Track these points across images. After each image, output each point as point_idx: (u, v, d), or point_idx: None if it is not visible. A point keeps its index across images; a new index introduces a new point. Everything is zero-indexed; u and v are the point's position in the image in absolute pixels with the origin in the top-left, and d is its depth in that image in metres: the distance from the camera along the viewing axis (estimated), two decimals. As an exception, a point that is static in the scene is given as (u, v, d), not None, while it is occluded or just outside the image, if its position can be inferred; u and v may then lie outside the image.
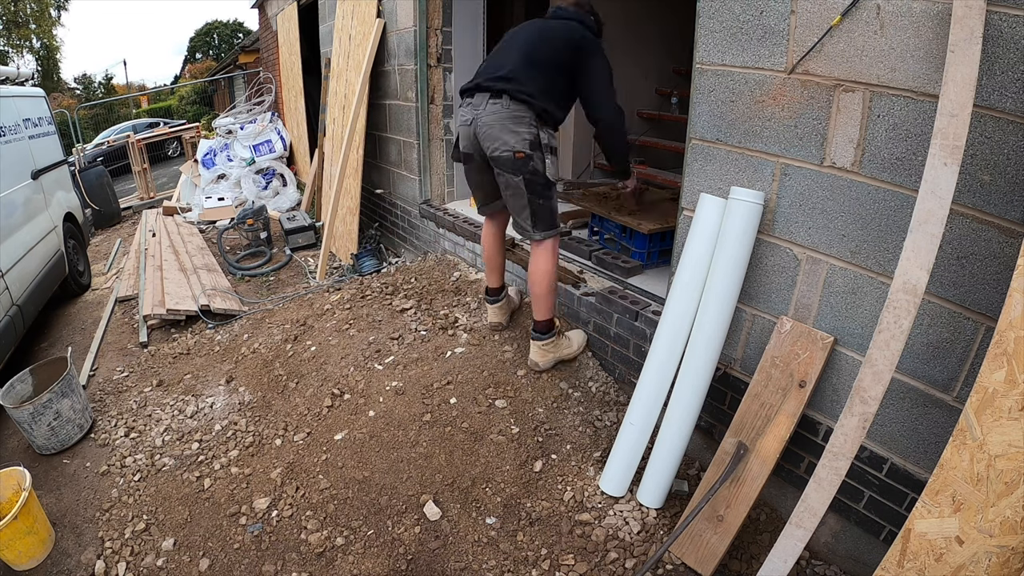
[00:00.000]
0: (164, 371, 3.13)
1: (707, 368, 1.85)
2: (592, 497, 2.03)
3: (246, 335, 3.35)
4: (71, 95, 26.00)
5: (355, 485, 2.14)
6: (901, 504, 1.62)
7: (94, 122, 21.06)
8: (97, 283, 4.90)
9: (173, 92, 26.56)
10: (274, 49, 8.12)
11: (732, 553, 1.83)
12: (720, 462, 1.84)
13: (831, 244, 1.65)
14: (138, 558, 2.00)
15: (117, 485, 2.32)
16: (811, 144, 1.63)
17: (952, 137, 1.27)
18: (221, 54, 31.56)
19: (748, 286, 1.86)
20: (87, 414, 2.69)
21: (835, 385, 1.71)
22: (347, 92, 4.57)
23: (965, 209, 1.37)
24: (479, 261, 3.41)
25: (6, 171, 3.63)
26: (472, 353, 2.67)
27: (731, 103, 1.81)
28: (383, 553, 1.91)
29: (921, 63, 1.38)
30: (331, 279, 4.16)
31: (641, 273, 2.73)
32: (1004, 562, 1.20)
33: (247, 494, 2.19)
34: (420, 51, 3.66)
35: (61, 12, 23.57)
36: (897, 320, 1.34)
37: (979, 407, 1.22)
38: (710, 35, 1.82)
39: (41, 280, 3.74)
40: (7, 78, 4.47)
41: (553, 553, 1.86)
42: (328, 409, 2.51)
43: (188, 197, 7.13)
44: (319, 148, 5.61)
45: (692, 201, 1.96)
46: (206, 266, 4.59)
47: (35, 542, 2.00)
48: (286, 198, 6.49)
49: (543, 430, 2.28)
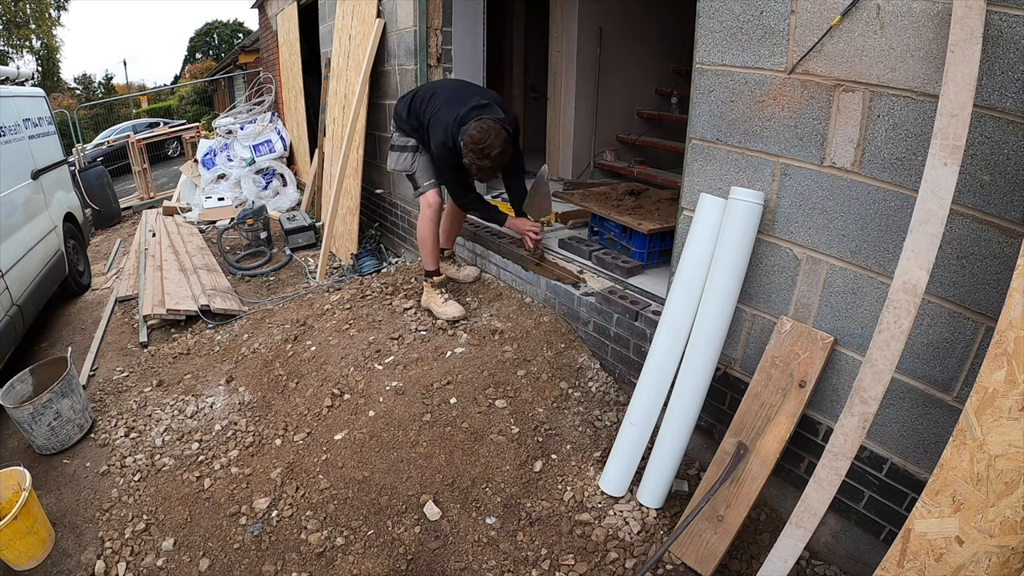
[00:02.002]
0: (164, 371, 3.13)
1: (707, 368, 1.85)
2: (592, 497, 2.03)
3: (246, 335, 3.34)
4: (71, 95, 26.01)
5: (355, 485, 2.14)
6: (901, 504, 1.61)
7: (94, 122, 21.08)
8: (97, 283, 4.90)
9: (173, 92, 26.57)
10: (274, 49, 8.12)
11: (732, 553, 1.83)
12: (720, 462, 1.84)
13: (831, 244, 1.65)
14: (138, 558, 2.00)
15: (117, 485, 2.32)
16: (811, 144, 1.63)
17: (952, 137, 1.27)
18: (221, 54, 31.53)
19: (748, 286, 1.86)
20: (87, 414, 2.69)
21: (835, 385, 1.71)
22: (347, 92, 4.57)
23: (965, 209, 1.37)
24: (479, 260, 3.42)
25: (6, 171, 3.63)
26: (472, 353, 2.67)
27: (731, 103, 1.81)
28: (383, 553, 1.91)
29: (921, 63, 1.38)
30: (331, 279, 4.16)
31: (641, 273, 2.73)
32: (1004, 562, 1.20)
33: (247, 494, 2.19)
34: (420, 51, 3.66)
35: (61, 12, 23.58)
36: (897, 320, 1.34)
37: (979, 407, 1.22)
38: (710, 35, 1.82)
39: (41, 280, 3.74)
40: (7, 78, 4.47)
41: (553, 553, 1.86)
42: (328, 409, 2.51)
43: (188, 197, 7.13)
44: (319, 148, 5.61)
45: (692, 201, 1.96)
46: (206, 266, 4.59)
47: (35, 542, 2.00)
48: (286, 198, 6.49)
49: (543, 430, 2.28)
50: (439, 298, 2.99)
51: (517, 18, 6.20)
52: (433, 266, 3.02)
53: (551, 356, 2.60)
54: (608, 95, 4.82)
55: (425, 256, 3.02)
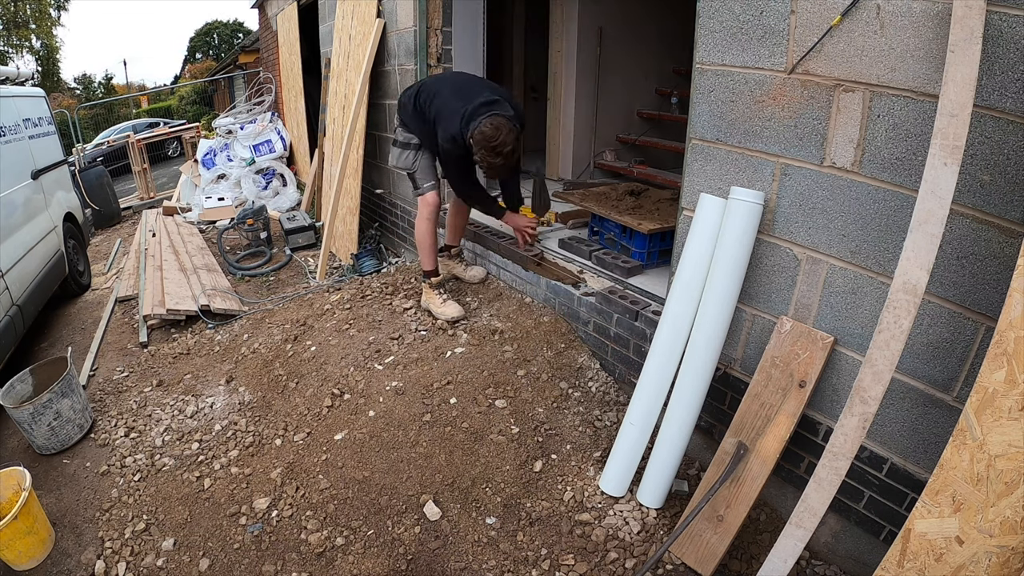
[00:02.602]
0: (164, 371, 3.13)
1: (707, 368, 1.85)
2: (592, 497, 2.03)
3: (246, 335, 3.35)
4: (71, 95, 26.01)
5: (355, 485, 2.14)
6: (901, 504, 1.61)
7: (94, 122, 21.07)
8: (97, 283, 4.90)
9: (173, 92, 26.57)
10: (274, 49, 8.12)
11: (732, 553, 1.83)
12: (720, 462, 1.84)
13: (831, 244, 1.65)
14: (138, 558, 2.00)
15: (117, 485, 2.32)
16: (811, 144, 1.63)
17: (952, 137, 1.27)
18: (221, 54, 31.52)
19: (748, 286, 1.86)
20: (87, 414, 2.69)
21: (835, 385, 1.71)
22: (347, 92, 4.57)
23: (965, 209, 1.37)
24: (479, 260, 3.42)
25: (6, 171, 3.63)
26: (472, 353, 2.67)
27: (731, 103, 1.81)
28: (383, 553, 1.91)
29: (921, 63, 1.38)
30: (331, 279, 4.16)
31: (641, 273, 2.73)
32: (1004, 562, 1.20)
33: (247, 494, 2.19)
34: (420, 51, 3.66)
35: (61, 12, 23.57)
36: (897, 320, 1.34)
37: (979, 407, 1.22)
38: (710, 35, 1.82)
39: (41, 280, 3.74)
40: (7, 78, 4.47)
41: (553, 553, 1.86)
42: (328, 409, 2.51)
43: (188, 197, 7.13)
44: (319, 148, 5.61)
45: (692, 201, 1.96)
46: (206, 266, 4.59)
47: (35, 542, 2.00)
48: (286, 198, 6.49)
49: (543, 430, 2.28)
50: (438, 299, 2.99)
51: (517, 18, 6.20)
52: (431, 266, 3.02)
53: (551, 356, 2.60)
54: (608, 95, 4.82)
55: (423, 256, 3.02)
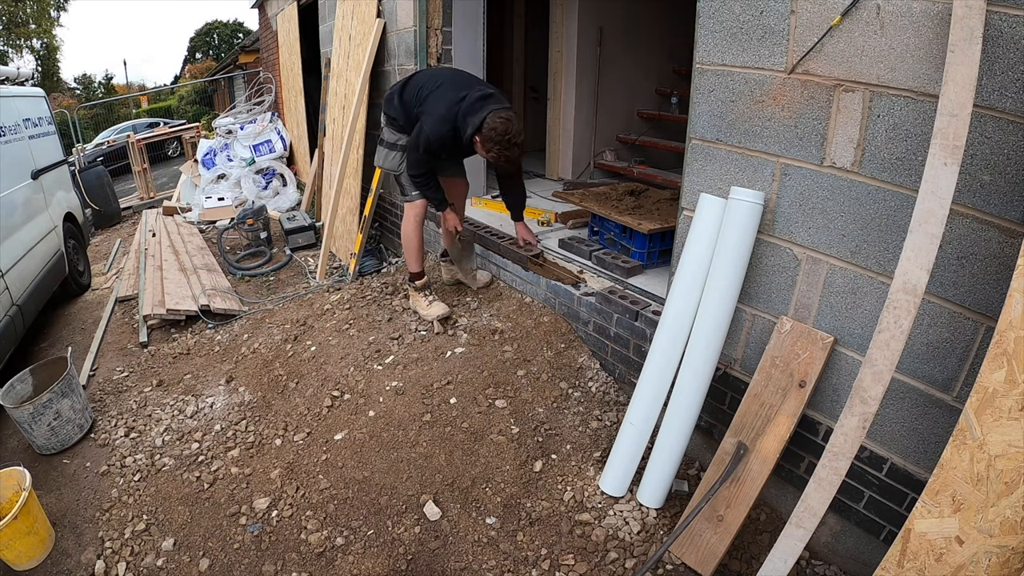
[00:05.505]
0: (164, 371, 3.13)
1: (707, 368, 1.85)
2: (592, 497, 2.03)
3: (246, 335, 3.35)
4: (71, 95, 26.01)
5: (355, 485, 2.14)
6: (901, 504, 1.61)
7: (94, 122, 21.05)
8: (97, 283, 4.90)
9: (173, 92, 26.55)
10: (274, 49, 8.12)
11: (732, 553, 1.83)
12: (720, 462, 1.84)
13: (831, 244, 1.65)
14: (138, 558, 2.00)
15: (117, 485, 2.32)
16: (811, 144, 1.63)
17: (952, 137, 1.27)
18: (221, 54, 31.52)
19: (748, 286, 1.86)
20: (87, 414, 2.69)
21: (835, 385, 1.71)
22: (347, 92, 4.57)
23: (965, 209, 1.37)
24: (479, 260, 3.42)
25: (6, 171, 3.63)
26: (472, 353, 2.67)
27: (731, 103, 1.81)
28: (383, 553, 1.91)
29: (921, 63, 1.38)
30: (331, 279, 4.16)
31: (641, 273, 2.73)
32: (1004, 562, 1.20)
33: (247, 494, 2.19)
34: (420, 51, 3.66)
35: (61, 12, 23.58)
36: (897, 320, 1.34)
37: (979, 407, 1.22)
38: (710, 35, 1.82)
39: (41, 280, 3.74)
40: (7, 78, 4.47)
41: (553, 553, 1.86)
42: (328, 409, 2.51)
43: (188, 197, 7.12)
44: (319, 148, 5.61)
45: (692, 201, 1.96)
46: (206, 266, 4.59)
47: (35, 542, 2.00)
48: (286, 198, 6.49)
49: (543, 430, 2.28)
50: (423, 300, 3.00)
51: (517, 18, 6.20)
52: (417, 268, 3.02)
53: (551, 356, 2.60)
54: (608, 95, 4.82)
55: (409, 259, 3.02)
